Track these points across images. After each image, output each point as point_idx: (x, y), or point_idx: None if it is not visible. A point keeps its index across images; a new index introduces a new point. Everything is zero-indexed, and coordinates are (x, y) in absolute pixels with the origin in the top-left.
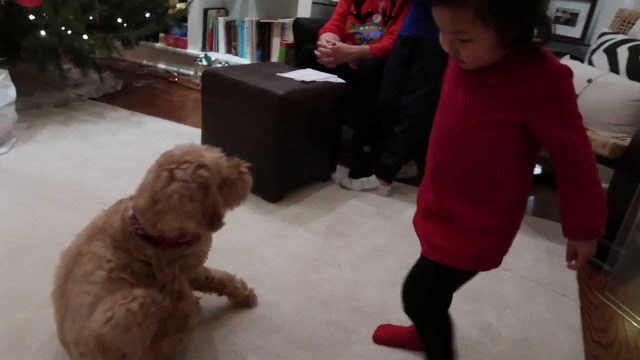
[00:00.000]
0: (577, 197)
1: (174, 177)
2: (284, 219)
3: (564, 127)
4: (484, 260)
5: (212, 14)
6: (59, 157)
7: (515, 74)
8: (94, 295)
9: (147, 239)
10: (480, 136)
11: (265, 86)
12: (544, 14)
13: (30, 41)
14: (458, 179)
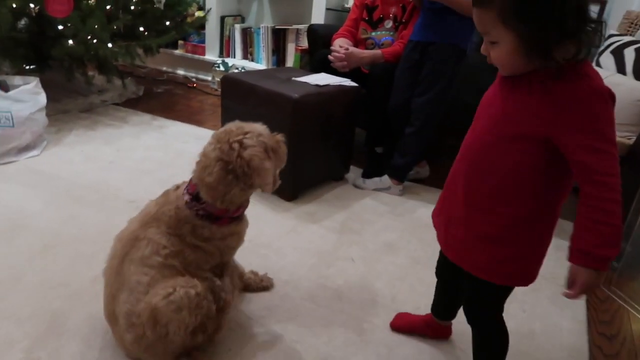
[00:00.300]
0: (588, 221)
1: (245, 146)
2: (299, 216)
3: (588, 149)
4: (517, 274)
5: (228, 21)
6: (86, 159)
7: (549, 89)
8: (150, 277)
9: (207, 218)
10: (506, 148)
11: (281, 90)
12: (579, 29)
13: (58, 50)
14: (479, 189)
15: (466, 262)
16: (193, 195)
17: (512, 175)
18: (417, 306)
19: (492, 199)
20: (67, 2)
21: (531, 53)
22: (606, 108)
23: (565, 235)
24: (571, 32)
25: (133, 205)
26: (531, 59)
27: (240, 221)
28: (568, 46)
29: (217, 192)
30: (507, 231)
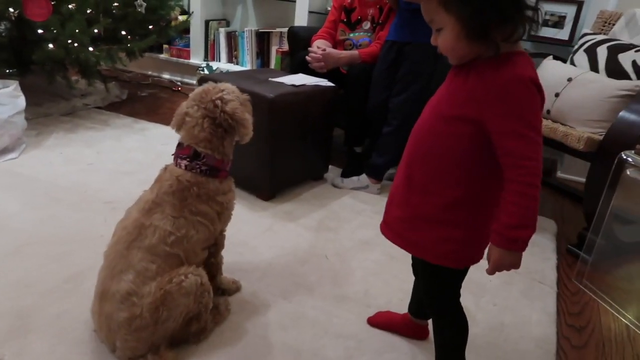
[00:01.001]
0: (506, 203)
1: (226, 101)
2: (276, 215)
3: (509, 133)
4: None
5: (213, 25)
6: (65, 161)
7: (482, 74)
8: (157, 265)
9: (210, 172)
10: (444, 131)
11: (257, 90)
12: (515, 12)
13: (39, 54)
14: (419, 171)
15: (402, 240)
16: (191, 156)
17: (449, 157)
18: (389, 300)
19: (431, 181)
20: (45, 5)
21: (472, 35)
22: (528, 95)
23: (541, 230)
24: (507, 15)
25: (110, 206)
26: (472, 42)
27: (232, 179)
28: (506, 28)
29: (213, 143)
30: (445, 212)
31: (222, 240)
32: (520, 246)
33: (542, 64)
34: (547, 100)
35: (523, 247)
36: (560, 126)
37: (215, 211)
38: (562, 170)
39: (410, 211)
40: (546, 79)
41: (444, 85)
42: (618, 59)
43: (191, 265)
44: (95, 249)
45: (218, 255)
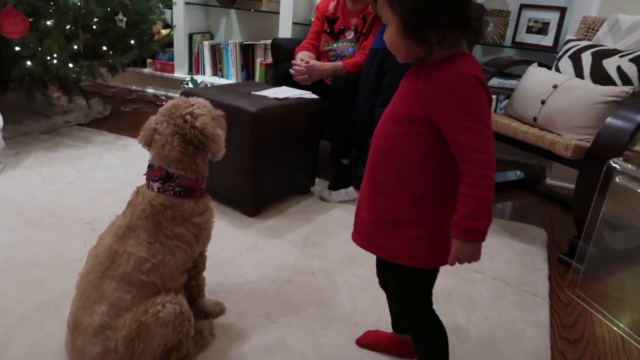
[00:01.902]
0: (461, 195)
1: (196, 115)
2: (261, 231)
3: (459, 129)
4: (423, 255)
5: (197, 38)
6: (44, 181)
7: (429, 75)
8: (132, 295)
9: (184, 193)
10: (399, 131)
11: (240, 104)
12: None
13: (16, 72)
14: (382, 173)
15: (373, 245)
16: (162, 178)
17: (408, 157)
18: (378, 318)
19: (394, 182)
20: (22, 22)
21: (408, 35)
22: (473, 91)
23: (532, 240)
24: (440, 22)
25: (89, 227)
26: (409, 42)
27: (208, 197)
28: (439, 32)
29: (185, 163)
30: (410, 212)
31: (203, 262)
32: (476, 236)
33: (527, 71)
34: (533, 107)
35: (479, 238)
36: (547, 134)
37: (193, 233)
38: (551, 177)
39: (377, 214)
40: (531, 86)
41: (399, 88)
42: (603, 65)
43: (169, 292)
44: (72, 273)
45: (199, 277)
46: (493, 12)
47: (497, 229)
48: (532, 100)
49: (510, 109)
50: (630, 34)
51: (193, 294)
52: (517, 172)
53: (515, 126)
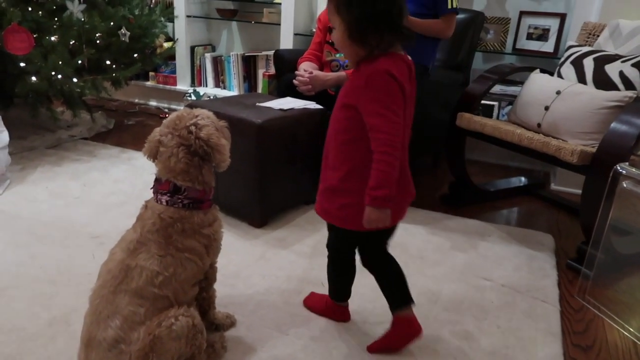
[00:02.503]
0: (372, 170)
1: (200, 126)
2: (269, 242)
3: (371, 113)
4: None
5: (199, 50)
6: (50, 196)
7: (359, 71)
8: (145, 308)
9: (193, 205)
10: (340, 116)
11: (245, 116)
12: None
13: (21, 87)
14: (330, 151)
15: (322, 210)
16: (171, 191)
17: (342, 137)
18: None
19: (334, 157)
20: (27, 39)
21: (352, 37)
22: (384, 83)
23: (539, 246)
24: (379, 28)
25: (97, 241)
26: (353, 43)
27: (216, 207)
28: (377, 37)
29: (192, 174)
30: (342, 183)
31: (214, 274)
32: (380, 203)
33: (530, 77)
34: (537, 114)
35: (383, 204)
36: (552, 140)
37: (203, 245)
38: (556, 183)
39: (324, 184)
40: (535, 92)
41: (347, 81)
42: (605, 70)
43: (181, 305)
44: (81, 288)
45: (210, 289)
46: (493, 20)
47: (504, 235)
48: (535, 106)
49: (513, 115)
50: (631, 39)
51: (204, 306)
52: (521, 179)
53: (520, 133)
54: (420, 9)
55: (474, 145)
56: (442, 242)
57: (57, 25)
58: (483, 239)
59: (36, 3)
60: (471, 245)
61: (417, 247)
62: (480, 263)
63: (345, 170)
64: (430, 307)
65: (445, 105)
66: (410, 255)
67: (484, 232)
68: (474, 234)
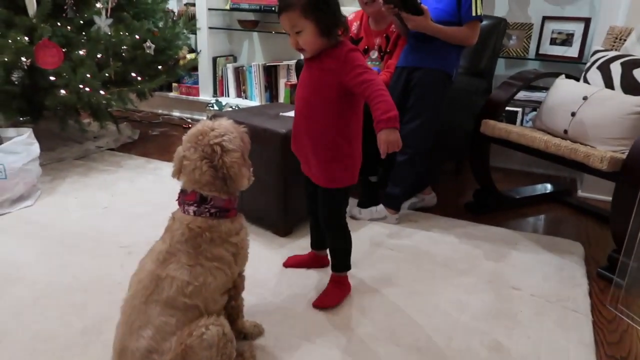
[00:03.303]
0: (372, 104)
1: (226, 150)
2: (294, 251)
3: (356, 72)
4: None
5: (221, 61)
6: (80, 206)
7: (332, 56)
8: (176, 318)
9: (219, 214)
10: (319, 94)
11: (269, 126)
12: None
13: (51, 100)
14: (316, 130)
15: (328, 181)
16: (197, 202)
17: (325, 112)
18: (417, 338)
19: (320, 133)
20: (57, 53)
21: (324, 32)
22: (358, 55)
23: (568, 254)
24: (338, 20)
25: (125, 251)
26: (323, 37)
27: (242, 215)
28: (339, 28)
29: (217, 185)
30: (330, 150)
31: (242, 282)
32: (394, 122)
33: (555, 83)
34: (563, 120)
35: (396, 124)
36: (580, 146)
37: (231, 253)
38: (583, 190)
39: (319, 158)
40: (560, 98)
41: (305, 72)
42: (634, 75)
43: (211, 314)
44: (112, 297)
45: (238, 297)
46: (515, 26)
47: (531, 243)
48: (561, 112)
49: (539, 121)
50: None
51: (233, 315)
52: (546, 185)
53: (547, 139)
54: (444, 17)
55: (497, 152)
56: (469, 251)
57: (85, 40)
58: (510, 247)
59: (65, 18)
60: (498, 254)
61: (443, 255)
62: (509, 272)
63: (332, 139)
64: (459, 316)
65: (468, 113)
66: (436, 264)
67: (510, 240)
68: (501, 242)
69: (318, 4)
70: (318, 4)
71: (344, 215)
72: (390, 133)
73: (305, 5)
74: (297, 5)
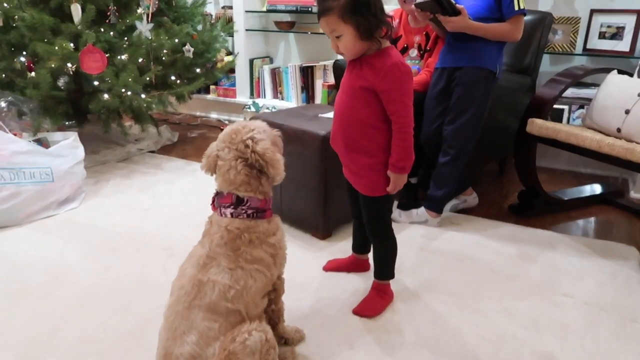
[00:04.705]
0: (393, 143)
1: (257, 140)
2: (334, 254)
3: (391, 100)
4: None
5: (257, 63)
6: (123, 208)
7: (372, 64)
8: (219, 324)
9: (256, 214)
10: (356, 100)
11: (309, 128)
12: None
13: (95, 104)
14: (352, 136)
15: (369, 189)
16: (234, 204)
17: (361, 119)
18: (463, 346)
19: (356, 140)
20: (100, 58)
21: (364, 36)
22: (401, 74)
23: (622, 259)
24: (380, 21)
25: (167, 253)
26: (364, 41)
27: (277, 216)
28: (380, 29)
29: (252, 185)
30: (367, 158)
31: (282, 285)
32: (406, 171)
33: (607, 79)
34: (616, 118)
35: (407, 171)
36: (637, 146)
37: (270, 254)
38: (636, 190)
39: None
40: (613, 95)
41: (347, 75)
42: None
43: (252, 319)
44: (154, 300)
45: (278, 301)
46: (561, 20)
47: (583, 247)
48: (614, 110)
49: (589, 120)
50: None
51: (273, 319)
52: (594, 187)
53: (599, 139)
54: (484, 13)
55: (542, 151)
56: (515, 255)
57: (127, 45)
58: (559, 251)
59: (108, 24)
60: (547, 259)
61: (488, 260)
62: (559, 278)
63: (376, 145)
64: (507, 324)
65: (511, 111)
66: (481, 269)
67: (559, 244)
68: (549, 246)
69: (357, 6)
70: (357, 6)
71: (388, 222)
72: (399, 177)
73: (343, 9)
74: (335, 9)
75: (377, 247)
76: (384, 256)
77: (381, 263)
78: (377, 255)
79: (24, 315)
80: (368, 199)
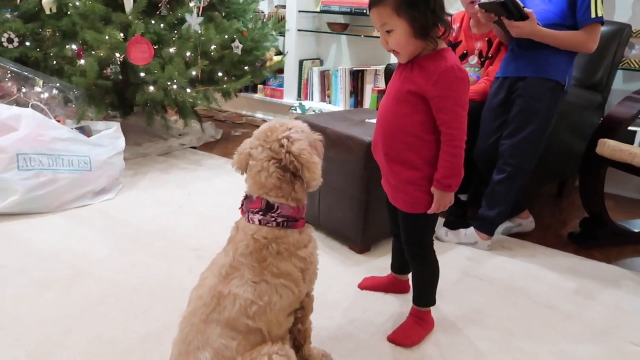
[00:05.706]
0: (441, 157)
1: (292, 140)
2: (372, 271)
3: (443, 109)
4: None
5: (307, 64)
6: (156, 204)
7: (425, 68)
8: (237, 342)
9: (287, 223)
10: (402, 106)
11: (353, 133)
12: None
13: (140, 96)
14: (393, 145)
15: (410, 206)
16: (263, 210)
17: (405, 128)
18: None
19: (397, 150)
20: (147, 49)
21: (418, 33)
22: (456, 80)
23: None
24: (439, 18)
25: (196, 254)
26: (417, 39)
27: (310, 226)
28: (437, 28)
29: (284, 190)
30: (408, 170)
31: (310, 303)
32: (452, 189)
33: None
34: None
35: (454, 189)
36: None
37: (299, 269)
38: None
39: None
40: None
41: (395, 77)
42: None
43: (275, 339)
44: (176, 303)
45: (306, 320)
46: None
47: None
48: None
49: None
50: None
51: (299, 339)
52: None
53: None
54: (554, 19)
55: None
56: (574, 290)
57: (176, 38)
58: (625, 290)
59: (159, 16)
60: (611, 297)
61: (543, 293)
62: (626, 321)
63: (419, 159)
64: None
65: (577, 129)
66: (535, 302)
67: (626, 281)
68: (614, 283)
69: (414, 0)
70: (414, 0)
71: (429, 243)
72: (444, 195)
73: (399, 1)
74: (389, 1)
75: (416, 271)
76: (424, 281)
77: (420, 288)
78: (416, 279)
79: (43, 306)
80: (407, 215)
